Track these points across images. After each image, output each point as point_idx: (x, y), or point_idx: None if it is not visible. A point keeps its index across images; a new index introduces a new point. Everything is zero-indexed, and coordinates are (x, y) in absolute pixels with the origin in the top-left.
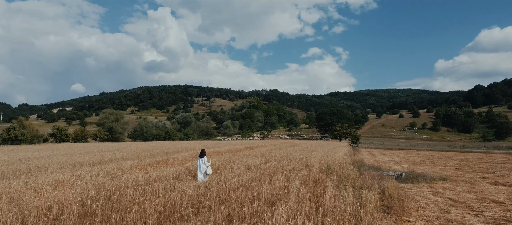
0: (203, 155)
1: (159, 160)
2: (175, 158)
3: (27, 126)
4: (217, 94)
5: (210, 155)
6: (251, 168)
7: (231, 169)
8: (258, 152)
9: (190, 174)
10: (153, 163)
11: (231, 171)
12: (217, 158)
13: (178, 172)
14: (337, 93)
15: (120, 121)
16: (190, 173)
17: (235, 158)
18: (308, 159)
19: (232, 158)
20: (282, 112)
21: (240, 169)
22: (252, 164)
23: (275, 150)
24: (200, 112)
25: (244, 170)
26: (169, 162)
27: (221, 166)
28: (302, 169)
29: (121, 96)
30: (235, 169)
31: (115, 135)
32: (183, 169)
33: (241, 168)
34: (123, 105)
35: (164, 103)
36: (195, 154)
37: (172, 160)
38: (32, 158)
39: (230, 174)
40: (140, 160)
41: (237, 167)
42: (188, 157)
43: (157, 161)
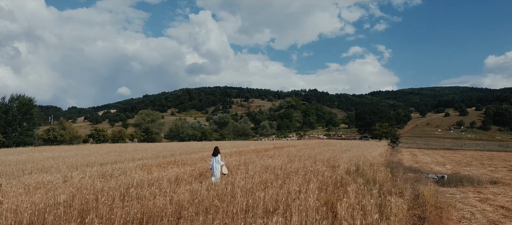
0: (216, 154)
1: (172, 160)
2: (191, 158)
3: (67, 127)
4: (256, 95)
5: (226, 156)
6: (270, 168)
7: (247, 169)
8: (285, 152)
9: (195, 174)
10: (163, 163)
11: (246, 172)
12: (236, 158)
13: (184, 172)
14: (378, 93)
15: (156, 121)
16: (198, 173)
17: (257, 158)
18: (337, 159)
19: (254, 158)
20: (321, 112)
21: (255, 170)
22: (273, 165)
23: (304, 149)
24: (239, 113)
25: (261, 170)
26: (182, 162)
27: (237, 166)
28: (326, 170)
29: (162, 98)
30: (250, 170)
31: (151, 136)
32: (190, 170)
33: (257, 168)
34: (163, 107)
35: (204, 104)
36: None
37: (186, 160)
38: (43, 159)
39: (242, 176)
40: (154, 160)
41: (254, 168)
42: (205, 157)
43: (167, 161)
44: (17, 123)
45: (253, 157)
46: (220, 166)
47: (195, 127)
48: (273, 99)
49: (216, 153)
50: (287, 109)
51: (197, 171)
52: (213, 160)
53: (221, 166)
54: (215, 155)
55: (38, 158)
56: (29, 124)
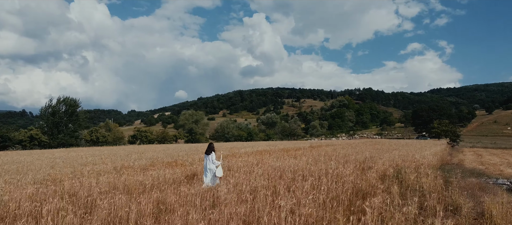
0: (210, 152)
1: (182, 160)
2: (197, 158)
3: (112, 128)
4: (308, 95)
5: (245, 156)
6: (285, 170)
7: (252, 171)
8: (317, 152)
9: (185, 176)
10: (166, 164)
11: (250, 173)
12: (251, 158)
13: (175, 173)
14: (439, 90)
15: (200, 122)
16: (192, 174)
17: (274, 159)
18: (376, 160)
19: (271, 158)
20: (376, 111)
21: (258, 173)
22: (292, 166)
23: (343, 149)
24: (290, 113)
25: (264, 173)
26: (183, 162)
27: (240, 168)
28: (352, 173)
29: (214, 100)
30: (256, 171)
31: (195, 136)
32: (182, 171)
33: (261, 171)
34: (215, 109)
35: (255, 105)
36: (234, 153)
37: (191, 160)
38: (87, 155)
39: (235, 181)
40: (165, 159)
41: (259, 170)
42: (227, 156)
43: (169, 162)
44: (63, 124)
45: (272, 157)
46: (214, 167)
47: (241, 128)
48: (325, 99)
49: (210, 150)
50: (339, 108)
51: (190, 171)
52: (206, 160)
53: (217, 166)
54: (208, 154)
55: (84, 154)
56: (75, 125)
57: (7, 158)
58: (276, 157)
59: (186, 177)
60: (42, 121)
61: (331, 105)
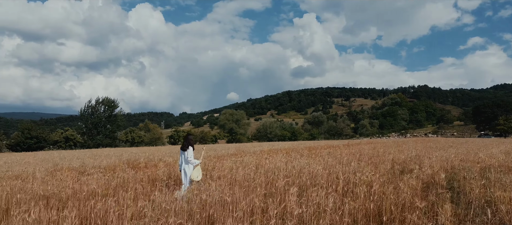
0: (186, 147)
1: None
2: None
3: (152, 129)
4: (359, 94)
5: (258, 154)
6: (274, 173)
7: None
8: (349, 151)
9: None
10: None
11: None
12: (257, 158)
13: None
14: (504, 86)
15: (241, 121)
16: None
17: (292, 159)
18: (421, 160)
19: (279, 158)
20: (431, 109)
21: (243, 175)
22: (311, 169)
23: (383, 147)
24: (339, 112)
25: (253, 177)
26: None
27: (224, 170)
28: (378, 179)
29: (262, 100)
30: (232, 176)
31: (236, 136)
32: (156, 172)
33: (251, 174)
34: (263, 109)
35: (303, 105)
36: (258, 153)
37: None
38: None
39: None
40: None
41: (247, 173)
42: (229, 155)
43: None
44: (102, 125)
45: (281, 157)
46: (192, 167)
47: (285, 127)
48: (377, 97)
49: (186, 145)
50: (391, 106)
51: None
52: (181, 157)
53: (195, 166)
54: (184, 149)
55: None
56: (113, 126)
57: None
58: (289, 157)
59: (150, 181)
60: (80, 122)
61: (382, 104)
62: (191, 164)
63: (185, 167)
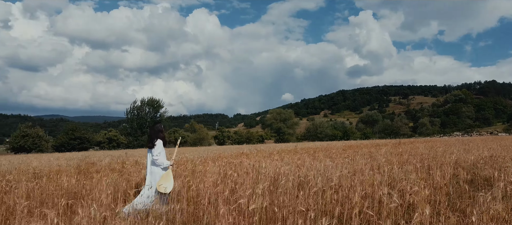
0: (152, 144)
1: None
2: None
3: (197, 129)
4: (418, 91)
5: (284, 154)
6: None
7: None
8: (395, 151)
9: None
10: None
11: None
12: (266, 160)
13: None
14: None
15: (289, 121)
16: None
17: (306, 161)
18: (502, 164)
19: (302, 159)
20: (501, 106)
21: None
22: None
23: (442, 147)
24: (396, 111)
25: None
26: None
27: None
28: (431, 194)
29: (315, 100)
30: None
31: (283, 136)
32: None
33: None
34: (317, 109)
35: (358, 104)
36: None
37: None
38: None
39: None
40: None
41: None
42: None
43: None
44: (147, 126)
45: (298, 158)
46: (160, 170)
47: (336, 126)
48: (438, 95)
49: (153, 139)
50: (454, 104)
51: None
52: (148, 157)
53: (164, 168)
54: (151, 146)
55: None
56: None
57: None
58: (312, 158)
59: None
60: (125, 123)
61: (444, 101)
62: (160, 167)
63: (151, 170)
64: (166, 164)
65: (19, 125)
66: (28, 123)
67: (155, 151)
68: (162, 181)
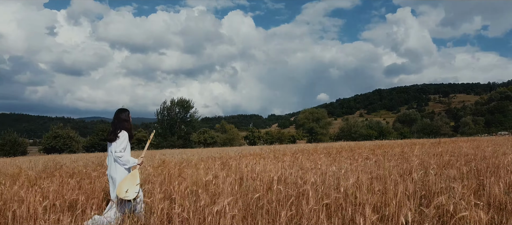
0: (114, 135)
1: None
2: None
3: (228, 129)
4: (459, 89)
5: (298, 153)
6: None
7: None
8: (434, 151)
9: None
10: None
11: None
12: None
13: None
14: None
15: (322, 121)
16: None
17: (320, 163)
18: None
19: (315, 161)
20: None
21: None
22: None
23: (491, 146)
24: (436, 110)
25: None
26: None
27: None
28: None
29: (351, 100)
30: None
31: (316, 136)
32: None
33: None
34: (352, 109)
35: (395, 103)
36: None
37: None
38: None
39: None
40: None
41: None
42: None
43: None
44: (177, 126)
45: (306, 159)
46: (124, 171)
47: (371, 126)
48: (481, 93)
49: (115, 132)
50: (500, 101)
51: None
52: (109, 156)
53: (133, 167)
54: (112, 139)
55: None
56: (188, 127)
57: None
58: (331, 159)
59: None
60: (156, 123)
61: (489, 99)
62: (123, 166)
63: (114, 172)
64: (132, 163)
65: (51, 126)
66: (59, 124)
67: (117, 145)
68: (125, 184)
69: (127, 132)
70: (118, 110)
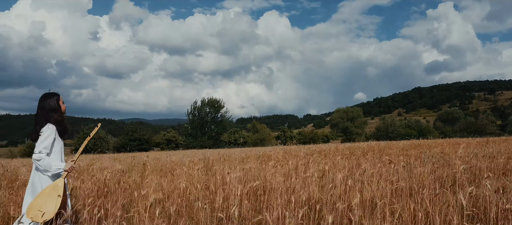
0: (37, 134)
1: None
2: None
3: (260, 129)
4: (507, 86)
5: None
6: None
7: None
8: (485, 152)
9: None
10: None
11: None
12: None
13: None
14: None
15: (357, 120)
16: None
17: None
18: None
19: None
20: None
21: None
22: None
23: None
24: (481, 108)
25: None
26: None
27: None
28: None
29: (388, 99)
30: None
31: (351, 136)
32: None
33: None
34: (390, 108)
35: (436, 102)
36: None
37: None
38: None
39: None
40: None
41: None
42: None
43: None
44: (207, 127)
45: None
46: (47, 179)
47: (410, 125)
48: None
49: (35, 131)
50: None
51: None
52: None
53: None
54: (35, 138)
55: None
56: (218, 128)
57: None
58: (349, 162)
59: None
60: (187, 123)
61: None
62: (45, 173)
63: (33, 180)
64: (55, 169)
65: (82, 126)
66: (90, 125)
67: (38, 144)
68: (40, 200)
69: (57, 125)
70: (43, 96)
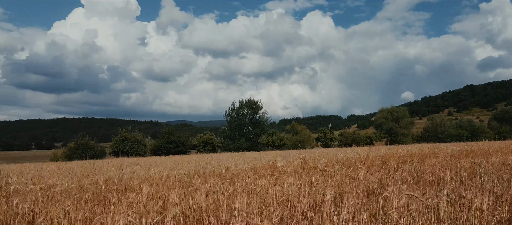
0: None
1: None
2: None
3: (299, 131)
4: None
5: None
6: None
7: None
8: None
9: None
10: None
11: None
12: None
13: None
14: None
15: (402, 120)
16: None
17: None
18: None
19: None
20: None
21: None
22: None
23: None
24: None
25: None
26: None
27: None
28: None
29: (437, 98)
30: None
31: (396, 137)
32: None
33: None
34: (439, 107)
35: (490, 100)
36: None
37: None
38: None
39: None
40: None
41: None
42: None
43: None
44: (245, 128)
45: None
46: None
47: (462, 125)
48: None
49: None
50: None
51: None
52: None
53: None
54: None
55: None
56: (256, 129)
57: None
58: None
59: None
60: (224, 125)
61: None
62: None
63: None
64: None
65: (119, 129)
66: (127, 127)
67: None
68: None
69: None
70: None
